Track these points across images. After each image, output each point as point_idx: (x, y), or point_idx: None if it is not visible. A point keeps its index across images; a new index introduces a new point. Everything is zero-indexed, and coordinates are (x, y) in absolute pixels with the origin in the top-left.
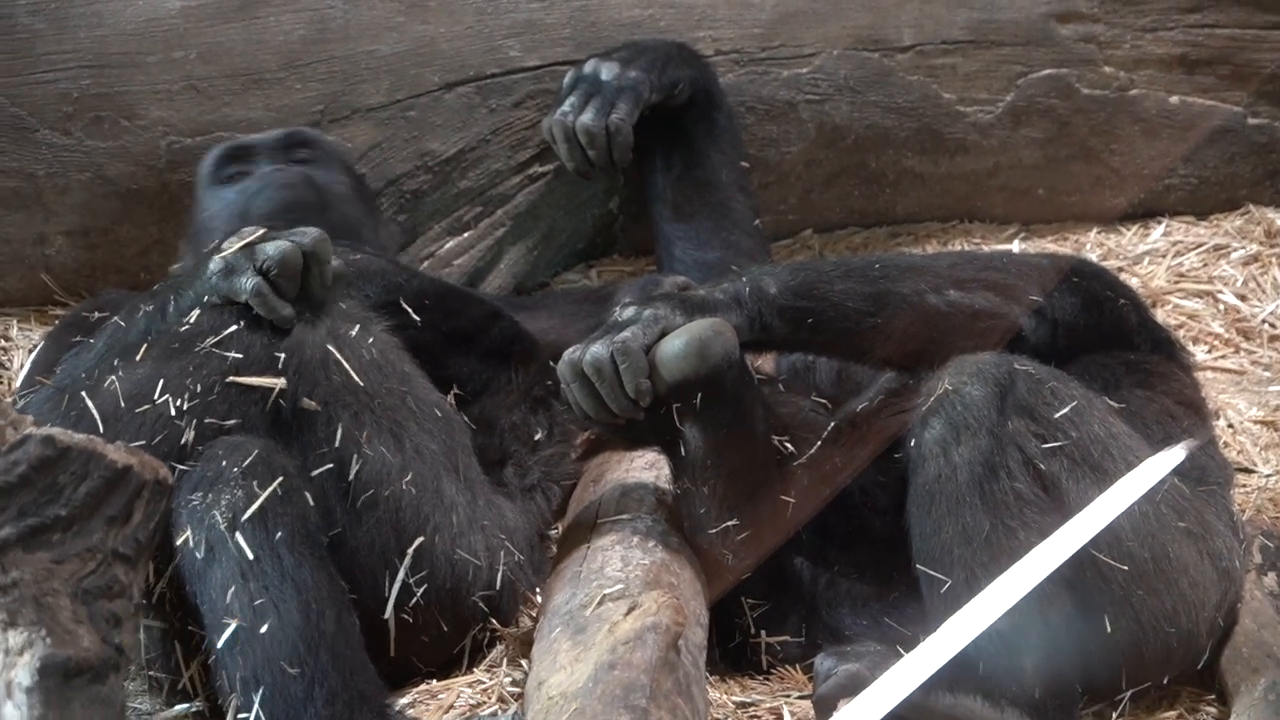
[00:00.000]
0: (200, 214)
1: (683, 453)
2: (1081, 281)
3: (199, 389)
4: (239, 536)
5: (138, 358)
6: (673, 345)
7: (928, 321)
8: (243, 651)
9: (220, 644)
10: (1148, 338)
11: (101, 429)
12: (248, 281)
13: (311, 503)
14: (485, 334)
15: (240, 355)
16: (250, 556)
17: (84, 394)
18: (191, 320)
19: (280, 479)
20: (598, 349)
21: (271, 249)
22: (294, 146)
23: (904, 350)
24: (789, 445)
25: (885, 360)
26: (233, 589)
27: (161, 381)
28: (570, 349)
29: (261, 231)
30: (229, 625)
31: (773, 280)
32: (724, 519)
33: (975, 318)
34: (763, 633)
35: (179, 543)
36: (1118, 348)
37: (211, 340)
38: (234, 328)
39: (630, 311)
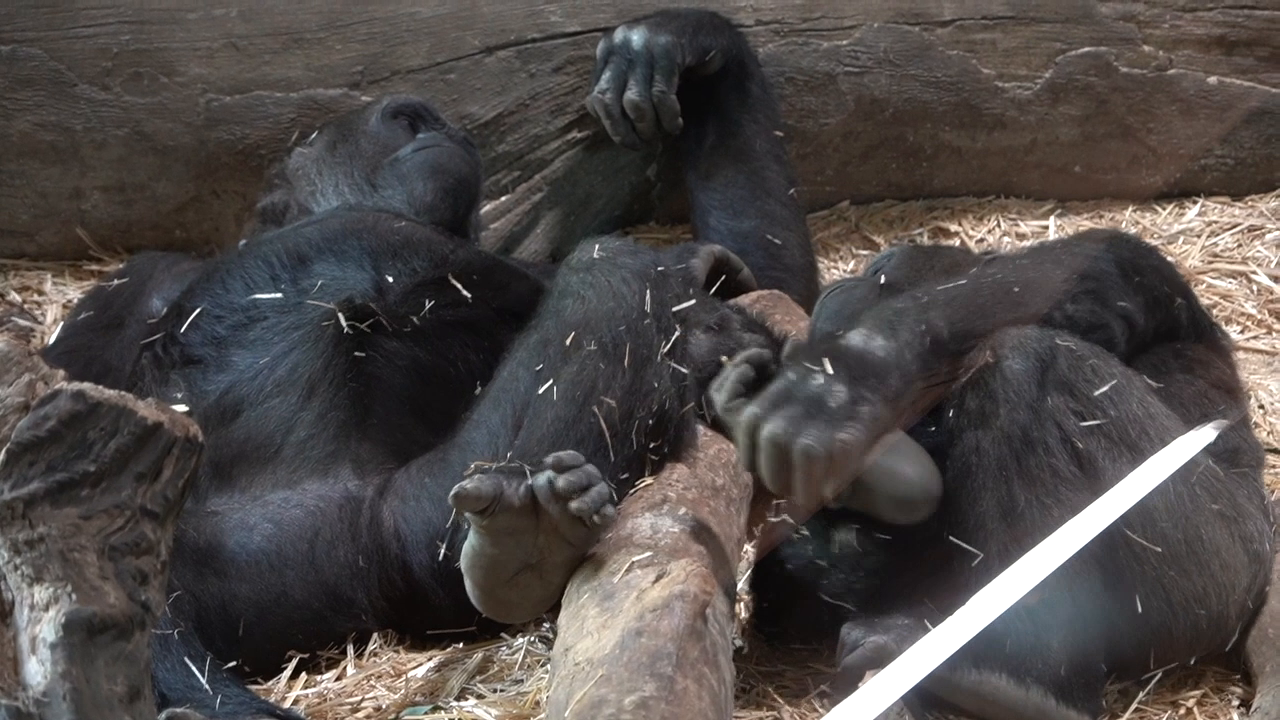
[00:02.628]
0: (361, 124)
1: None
2: (1143, 280)
3: None
4: None
5: None
6: (889, 495)
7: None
8: None
9: None
10: (1194, 330)
11: None
12: None
13: None
14: (533, 309)
15: None
16: None
17: None
18: None
19: None
20: (805, 441)
21: None
22: (464, 143)
23: None
24: None
25: None
26: None
27: None
28: (765, 410)
29: None
30: None
31: (944, 322)
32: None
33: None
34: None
35: None
36: (1167, 340)
37: None
38: None
39: (843, 394)
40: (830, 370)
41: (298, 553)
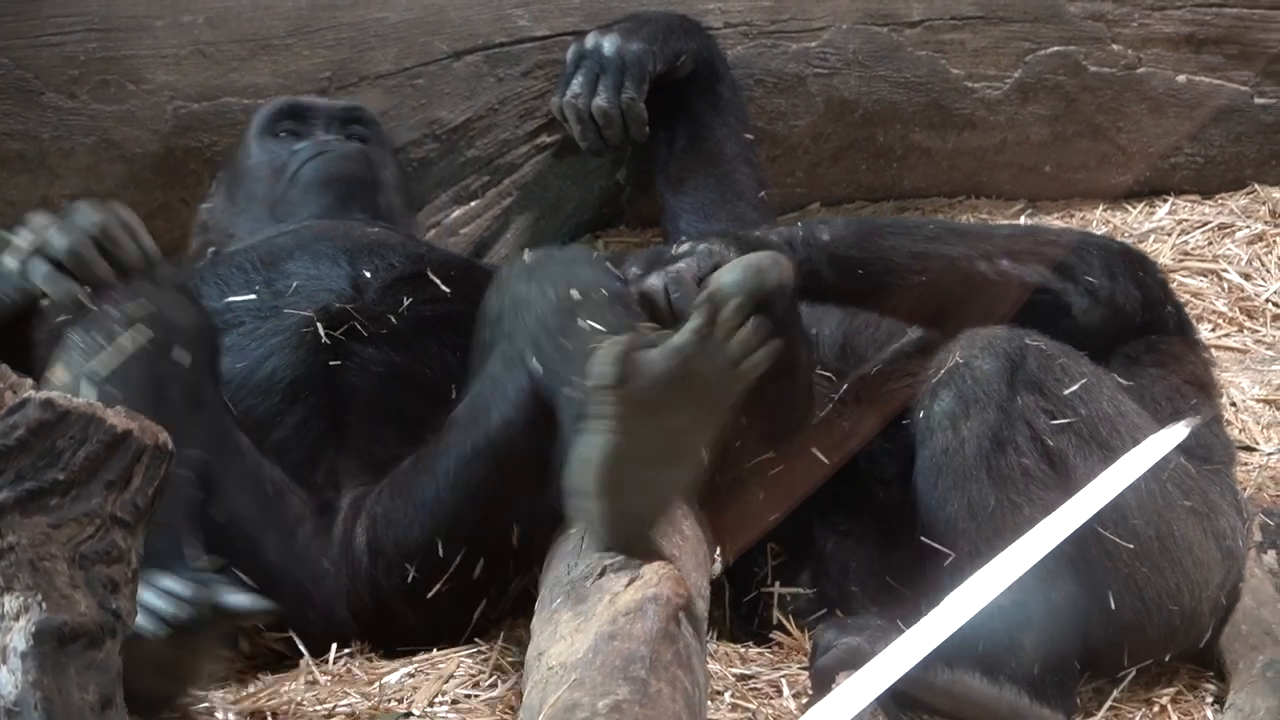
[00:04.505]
0: (244, 160)
1: None
2: (1145, 276)
3: None
4: (84, 383)
5: None
6: (729, 271)
7: (976, 288)
8: None
9: None
10: (1176, 332)
11: None
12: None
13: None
14: None
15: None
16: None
17: None
18: None
19: (150, 335)
20: (652, 280)
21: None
22: (352, 121)
23: (951, 314)
24: None
25: (932, 323)
26: None
27: None
28: (630, 283)
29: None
30: None
31: (826, 228)
32: (759, 453)
33: (1025, 290)
34: (777, 584)
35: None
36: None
37: None
38: None
39: (685, 247)
40: (689, 244)
41: (279, 538)
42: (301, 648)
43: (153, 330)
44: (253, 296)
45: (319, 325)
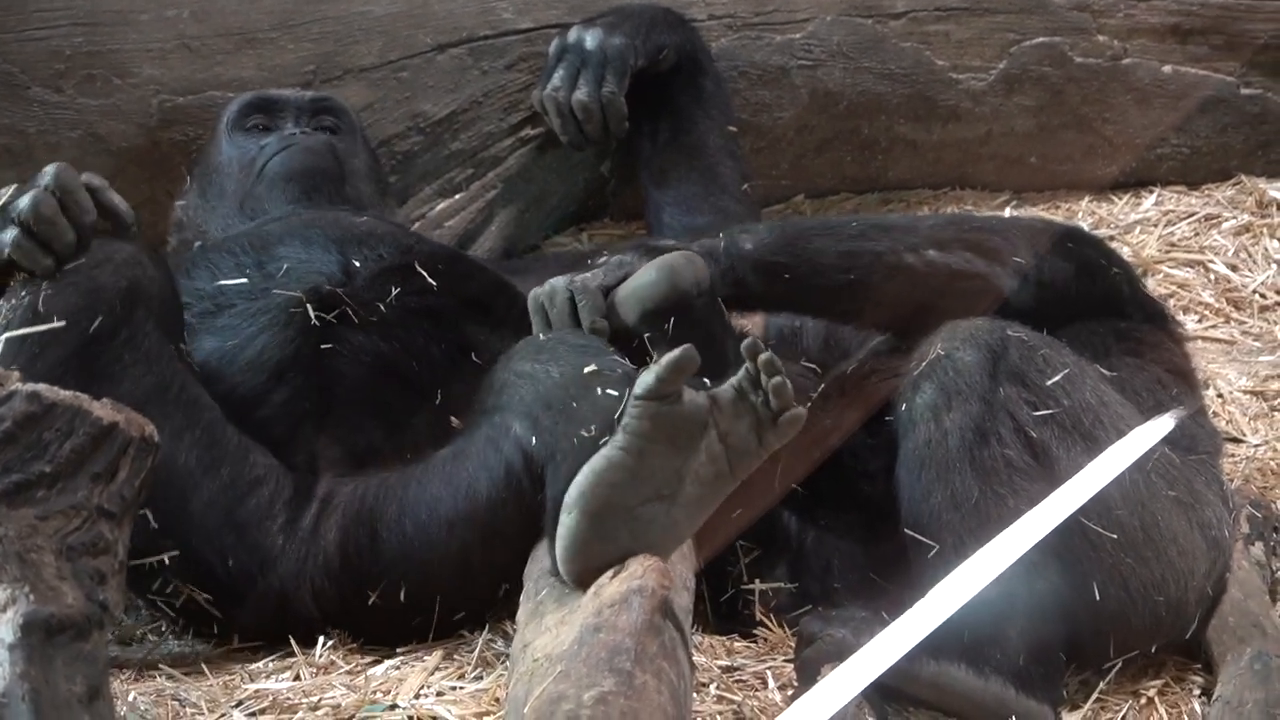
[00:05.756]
0: (215, 156)
1: None
2: (1076, 248)
3: None
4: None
5: None
6: (643, 275)
7: (904, 280)
8: None
9: None
10: (1139, 309)
11: None
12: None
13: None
14: (495, 303)
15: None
16: None
17: None
18: None
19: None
20: (557, 282)
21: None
22: (321, 112)
23: (884, 310)
24: None
25: (868, 320)
26: None
27: None
28: (536, 287)
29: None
30: None
31: (749, 237)
32: None
33: (954, 278)
34: (756, 581)
35: None
36: (1108, 316)
37: None
38: None
39: (601, 259)
40: (604, 256)
41: (219, 489)
42: (293, 644)
43: (85, 290)
44: (244, 280)
45: (308, 306)
